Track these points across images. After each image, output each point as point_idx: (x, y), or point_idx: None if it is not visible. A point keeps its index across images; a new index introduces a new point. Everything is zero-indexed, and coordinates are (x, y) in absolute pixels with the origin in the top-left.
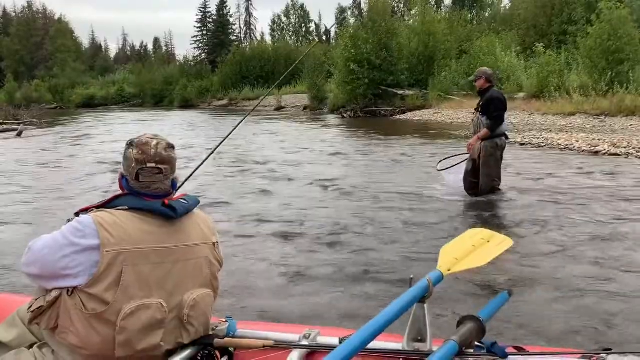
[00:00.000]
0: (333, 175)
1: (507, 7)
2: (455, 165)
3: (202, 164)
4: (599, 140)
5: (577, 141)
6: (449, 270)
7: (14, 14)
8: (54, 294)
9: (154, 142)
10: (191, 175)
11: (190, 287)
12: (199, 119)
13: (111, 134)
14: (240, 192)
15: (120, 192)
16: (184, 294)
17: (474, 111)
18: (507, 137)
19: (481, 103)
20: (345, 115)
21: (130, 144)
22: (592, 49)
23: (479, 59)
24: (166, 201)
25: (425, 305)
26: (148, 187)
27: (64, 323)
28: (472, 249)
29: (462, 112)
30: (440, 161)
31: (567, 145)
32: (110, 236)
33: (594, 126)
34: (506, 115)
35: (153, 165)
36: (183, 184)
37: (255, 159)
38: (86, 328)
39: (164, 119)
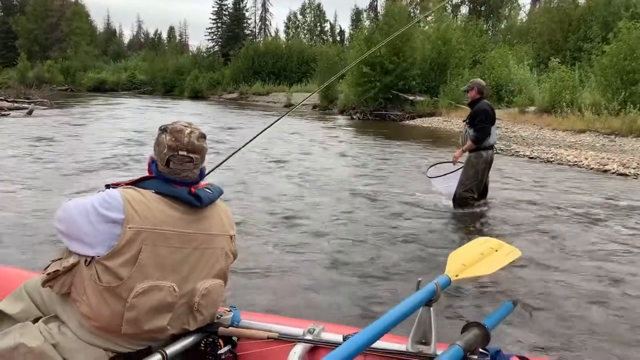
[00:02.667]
0: (340, 176)
1: (524, 20)
2: (446, 174)
3: (230, 157)
4: (608, 159)
5: (587, 159)
6: (456, 275)
7: None
8: (72, 260)
9: (188, 131)
10: (217, 166)
11: (204, 275)
12: (210, 110)
13: (120, 119)
14: (245, 185)
15: (148, 174)
16: (198, 281)
17: (462, 122)
18: (494, 149)
19: (469, 114)
20: (354, 117)
21: (164, 130)
22: (607, 67)
23: (492, 69)
24: (193, 189)
25: (432, 309)
26: (177, 174)
27: (77, 291)
28: (480, 257)
29: None
30: (430, 166)
31: (576, 162)
32: (135, 213)
33: (603, 145)
34: (515, 128)
35: (184, 153)
36: (208, 173)
37: (265, 155)
38: (98, 300)
39: (174, 108)
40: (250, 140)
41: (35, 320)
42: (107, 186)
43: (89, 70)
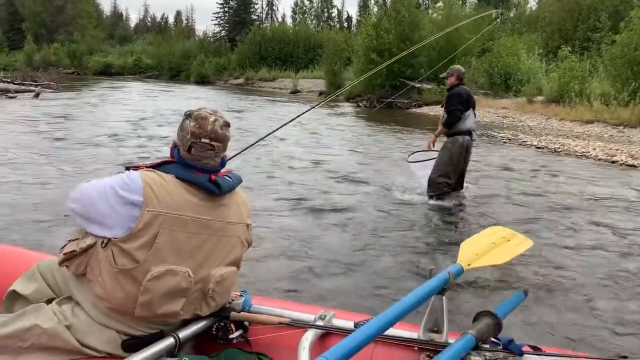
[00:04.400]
0: (346, 163)
1: (533, 9)
2: (425, 160)
3: (251, 145)
4: (616, 150)
5: (594, 149)
6: (469, 265)
7: None
8: (89, 241)
9: (212, 118)
10: (237, 154)
11: (219, 262)
12: (216, 96)
13: (127, 103)
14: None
15: (169, 158)
16: (212, 268)
17: (440, 107)
18: (472, 136)
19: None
20: (361, 105)
21: (188, 115)
22: (617, 57)
23: (500, 58)
24: (213, 177)
25: (444, 297)
26: (198, 160)
27: (92, 272)
28: (493, 246)
29: (478, 111)
30: (412, 153)
31: (583, 152)
32: (155, 196)
33: (611, 136)
34: (522, 118)
35: (207, 141)
36: (230, 159)
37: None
38: (112, 281)
39: (179, 93)
40: (277, 129)
41: (48, 301)
42: (127, 168)
43: (95, 53)
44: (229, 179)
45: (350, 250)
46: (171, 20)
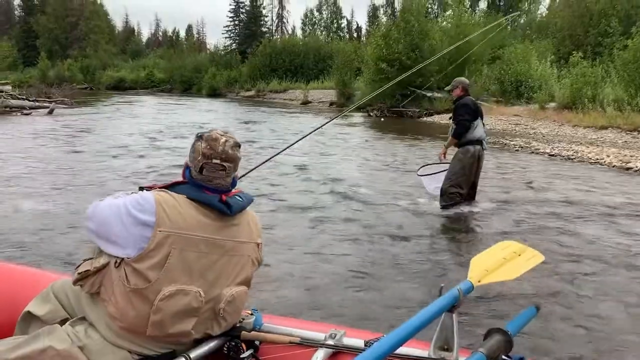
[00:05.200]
0: (359, 175)
1: (544, 15)
2: (436, 173)
3: (266, 161)
4: (631, 156)
5: (608, 156)
6: (479, 281)
7: None
8: (102, 261)
9: (223, 139)
10: (249, 172)
11: (230, 282)
12: (228, 108)
13: (139, 117)
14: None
15: (182, 179)
16: (224, 288)
17: (449, 120)
18: (482, 145)
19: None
20: (371, 114)
21: (199, 137)
22: (630, 62)
23: (511, 65)
24: (224, 197)
25: (454, 315)
26: (210, 181)
27: (105, 291)
28: (503, 262)
29: (490, 119)
30: (421, 166)
31: (597, 159)
32: (167, 217)
33: (625, 142)
34: (535, 125)
35: (218, 161)
36: (243, 175)
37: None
38: (125, 301)
39: (192, 107)
40: (294, 143)
41: (63, 322)
42: (141, 188)
43: (108, 68)
44: (239, 198)
45: (360, 265)
46: (182, 34)
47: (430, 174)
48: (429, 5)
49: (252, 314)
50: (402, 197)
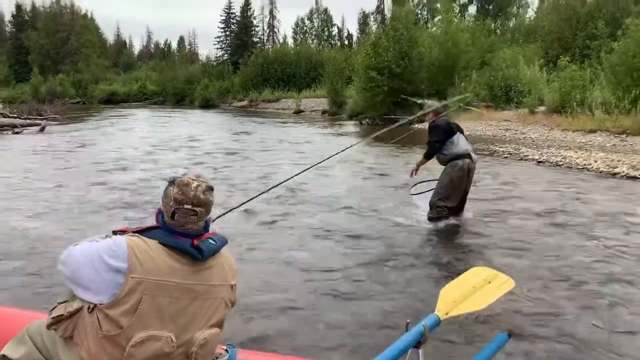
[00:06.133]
0: (346, 186)
1: (532, 18)
2: (429, 190)
3: (279, 184)
4: (618, 161)
5: (596, 161)
6: (446, 314)
7: (42, 9)
8: (76, 305)
9: (195, 184)
10: (246, 202)
11: (202, 325)
12: (221, 119)
13: (130, 133)
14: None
15: (155, 223)
16: (196, 331)
17: None
18: (471, 158)
19: None
20: (363, 122)
21: (172, 182)
22: (617, 65)
23: (500, 70)
24: (195, 242)
25: (421, 351)
26: (182, 225)
27: (78, 336)
28: (473, 291)
29: (481, 125)
30: (414, 185)
31: (585, 165)
32: (138, 263)
33: (614, 145)
34: (525, 130)
35: (189, 207)
36: (228, 210)
37: (274, 166)
38: (97, 347)
39: (184, 119)
40: (304, 171)
41: None
42: (115, 232)
43: (100, 82)
44: (212, 242)
45: (332, 293)
46: (174, 45)
47: (423, 192)
48: (418, 12)
49: (227, 350)
50: (386, 210)
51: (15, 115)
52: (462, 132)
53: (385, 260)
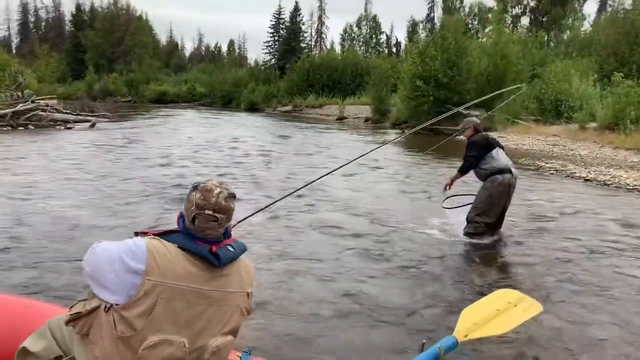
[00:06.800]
0: (383, 196)
1: (587, 32)
2: (462, 206)
3: (305, 185)
4: None
5: None
6: (465, 336)
7: (100, 9)
8: (94, 304)
9: (217, 191)
10: (269, 205)
11: (216, 332)
12: (265, 124)
13: (178, 132)
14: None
15: (176, 227)
16: (210, 338)
17: None
18: (512, 173)
19: None
20: (406, 131)
21: (195, 187)
22: None
23: (551, 84)
24: (214, 248)
25: None
26: (202, 231)
27: (94, 335)
28: (496, 314)
29: (528, 139)
30: (446, 198)
31: (635, 185)
32: (156, 266)
33: None
34: (574, 146)
35: (210, 212)
36: (250, 214)
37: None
38: (111, 347)
39: (230, 121)
40: (332, 171)
41: (57, 358)
42: (136, 234)
43: (151, 82)
44: (231, 249)
45: (349, 304)
46: (224, 48)
47: (457, 207)
48: (469, 22)
49: (240, 357)
50: (418, 222)
51: (68, 112)
52: (501, 147)
53: (409, 274)
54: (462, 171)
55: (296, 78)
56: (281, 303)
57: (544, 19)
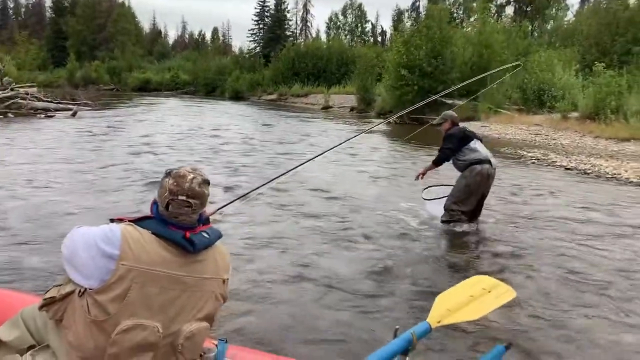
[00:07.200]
0: (364, 184)
1: (571, 22)
2: (441, 198)
3: (288, 172)
4: None
5: (626, 171)
6: (438, 322)
7: None
8: (68, 288)
9: (190, 176)
10: (249, 193)
11: (190, 317)
12: (250, 112)
13: (160, 120)
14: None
15: (150, 213)
16: (184, 323)
17: None
18: (491, 164)
19: None
20: (391, 121)
21: (168, 174)
22: None
23: (534, 74)
24: (187, 234)
25: (408, 359)
26: (175, 217)
27: (68, 320)
28: (470, 300)
29: (511, 128)
30: (425, 188)
31: (614, 174)
32: (130, 251)
33: None
34: (556, 135)
35: (184, 198)
36: (232, 202)
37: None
38: (85, 331)
39: (213, 110)
40: (318, 156)
41: (30, 348)
42: (112, 220)
43: (134, 70)
44: (206, 235)
45: (325, 292)
46: (208, 36)
47: (436, 199)
48: (454, 11)
49: (216, 346)
50: (396, 210)
51: (49, 100)
52: (480, 139)
53: (385, 262)
54: (436, 163)
55: (281, 66)
56: (256, 290)
57: (528, 9)
